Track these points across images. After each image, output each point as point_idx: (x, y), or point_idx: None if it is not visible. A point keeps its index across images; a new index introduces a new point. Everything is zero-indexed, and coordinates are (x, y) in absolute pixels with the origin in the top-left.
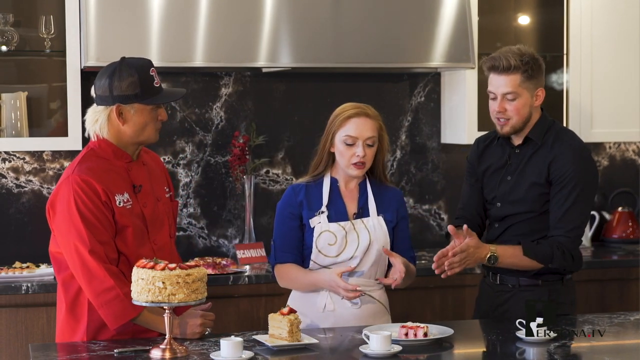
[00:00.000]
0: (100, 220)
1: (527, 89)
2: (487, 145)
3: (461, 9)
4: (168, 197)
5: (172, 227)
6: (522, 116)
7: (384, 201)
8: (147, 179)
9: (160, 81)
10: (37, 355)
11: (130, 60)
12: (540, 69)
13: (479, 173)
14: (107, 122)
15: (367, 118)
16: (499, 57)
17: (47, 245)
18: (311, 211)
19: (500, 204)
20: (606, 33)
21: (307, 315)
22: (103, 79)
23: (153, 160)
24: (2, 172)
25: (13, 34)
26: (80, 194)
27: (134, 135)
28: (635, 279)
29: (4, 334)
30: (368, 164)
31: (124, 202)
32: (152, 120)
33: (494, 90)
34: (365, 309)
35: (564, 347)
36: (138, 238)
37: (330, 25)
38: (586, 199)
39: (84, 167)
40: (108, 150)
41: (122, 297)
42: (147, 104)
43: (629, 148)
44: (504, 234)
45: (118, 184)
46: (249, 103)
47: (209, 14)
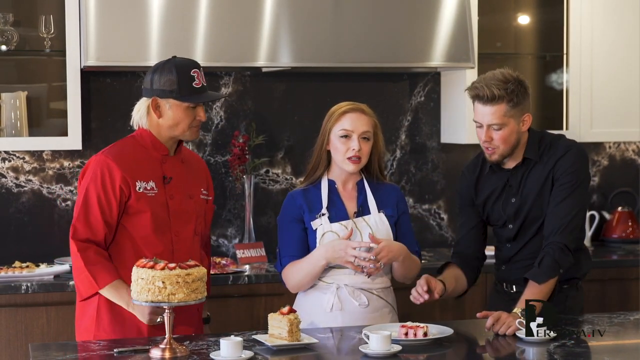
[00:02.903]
0: (100, 202)
1: (514, 117)
2: (479, 176)
3: (461, 8)
4: (204, 198)
5: (200, 225)
6: (509, 144)
7: (383, 197)
8: (181, 174)
9: (204, 82)
10: (37, 355)
11: (176, 60)
12: (526, 94)
13: (479, 204)
14: (146, 113)
15: (362, 113)
16: (482, 87)
17: (46, 245)
18: (312, 214)
19: (512, 225)
20: (606, 33)
21: (314, 317)
22: (150, 73)
23: (196, 162)
24: (2, 171)
25: (13, 33)
26: (97, 173)
27: (169, 129)
28: (635, 279)
29: (3, 334)
30: (364, 159)
31: (147, 189)
32: (187, 117)
33: (480, 120)
34: (374, 308)
35: (564, 347)
36: (158, 226)
37: (330, 25)
38: (581, 194)
39: (115, 150)
40: (147, 140)
41: (86, 274)
42: (181, 100)
43: (629, 148)
44: (519, 253)
45: (145, 171)
46: (248, 103)
47: (209, 14)
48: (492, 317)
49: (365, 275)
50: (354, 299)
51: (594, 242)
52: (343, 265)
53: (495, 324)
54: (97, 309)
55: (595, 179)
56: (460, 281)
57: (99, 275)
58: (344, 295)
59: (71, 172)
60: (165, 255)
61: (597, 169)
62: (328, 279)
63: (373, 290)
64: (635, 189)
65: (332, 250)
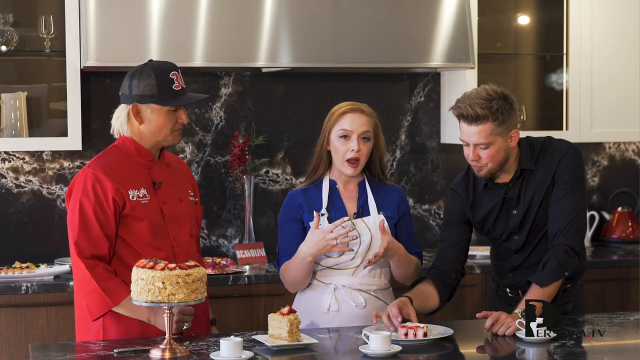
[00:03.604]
0: (97, 216)
1: (500, 135)
2: (474, 195)
3: (461, 9)
4: (192, 200)
5: (194, 227)
6: (497, 162)
7: (383, 199)
8: (168, 178)
9: (183, 84)
10: (37, 355)
11: (153, 63)
12: (512, 110)
13: (477, 222)
14: (126, 120)
15: (362, 114)
16: (465, 107)
17: (46, 245)
18: (311, 214)
19: (518, 236)
20: (606, 33)
21: (312, 317)
22: (127, 79)
23: (179, 165)
24: (2, 172)
25: (13, 34)
26: (88, 187)
27: (151, 135)
28: (635, 279)
29: (3, 334)
30: (362, 161)
31: (139, 197)
32: (170, 121)
33: (466, 139)
34: (372, 309)
35: (564, 347)
36: (156, 232)
37: (329, 25)
38: (581, 193)
39: (102, 162)
40: (130, 147)
41: (98, 291)
42: (162, 105)
43: (629, 148)
44: (527, 260)
45: (134, 179)
46: (248, 103)
47: (209, 14)
48: (492, 318)
49: (363, 267)
50: (351, 299)
51: (594, 242)
52: (341, 267)
53: (495, 325)
54: (102, 327)
55: (595, 179)
56: (431, 299)
57: (112, 292)
58: (341, 296)
59: (71, 173)
60: (167, 260)
61: (597, 169)
62: (326, 279)
63: (371, 291)
64: (635, 189)
65: (313, 245)
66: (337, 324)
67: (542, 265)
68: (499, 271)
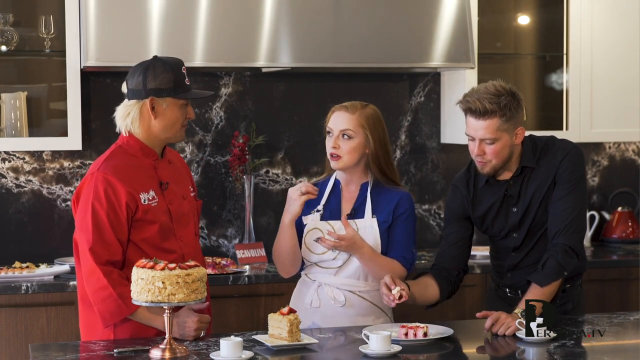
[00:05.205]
0: (111, 221)
1: (507, 131)
2: (474, 191)
3: (461, 9)
4: (192, 196)
5: (196, 225)
6: (502, 158)
7: (382, 202)
8: (173, 176)
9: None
10: (37, 355)
11: (163, 58)
12: (519, 107)
13: (477, 218)
14: (138, 116)
15: (345, 112)
16: (473, 101)
17: (46, 245)
18: (308, 209)
19: (517, 234)
20: (606, 33)
21: (298, 311)
22: (137, 74)
23: (178, 160)
24: (2, 172)
25: (13, 34)
26: (100, 192)
27: (163, 130)
28: (635, 279)
29: (3, 334)
30: (345, 158)
31: (149, 199)
32: (182, 116)
33: (472, 134)
34: (353, 308)
35: (564, 347)
36: (165, 234)
37: (329, 25)
38: (581, 193)
39: (111, 164)
40: (136, 148)
41: (114, 297)
42: (179, 98)
43: (629, 148)
44: (525, 259)
45: (143, 182)
46: (248, 103)
47: (209, 14)
48: (492, 318)
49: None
50: (331, 297)
51: (594, 242)
52: (324, 266)
53: (495, 325)
54: (113, 334)
55: (595, 179)
56: (430, 288)
57: (128, 299)
58: (323, 294)
59: (71, 173)
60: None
61: (597, 169)
62: (312, 276)
63: (356, 291)
64: (635, 189)
65: (287, 204)
66: (318, 320)
67: (542, 265)
68: (498, 271)
